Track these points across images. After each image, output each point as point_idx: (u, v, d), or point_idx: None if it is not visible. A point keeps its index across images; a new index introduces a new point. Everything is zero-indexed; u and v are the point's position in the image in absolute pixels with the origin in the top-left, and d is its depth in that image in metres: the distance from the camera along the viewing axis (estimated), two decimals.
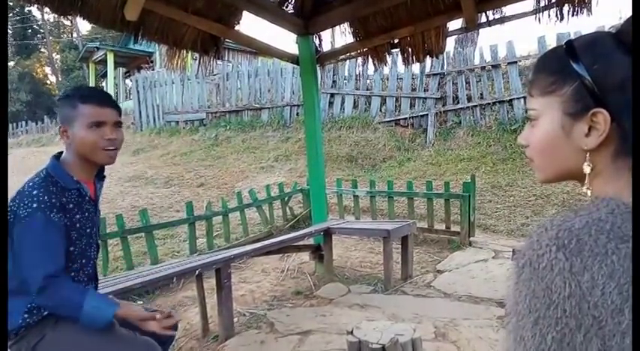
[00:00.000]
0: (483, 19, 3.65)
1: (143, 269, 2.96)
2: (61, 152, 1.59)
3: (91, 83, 17.46)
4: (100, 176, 1.69)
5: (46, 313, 1.48)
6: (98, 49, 17.23)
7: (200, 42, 3.64)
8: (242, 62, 11.33)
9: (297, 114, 10.02)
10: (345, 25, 4.00)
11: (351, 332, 2.07)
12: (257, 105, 10.64)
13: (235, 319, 3.05)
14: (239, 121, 10.80)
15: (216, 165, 8.94)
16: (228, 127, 10.74)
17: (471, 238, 4.62)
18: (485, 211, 5.40)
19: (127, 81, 18.68)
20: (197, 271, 2.71)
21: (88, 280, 1.63)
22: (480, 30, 4.41)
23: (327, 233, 3.90)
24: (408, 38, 3.89)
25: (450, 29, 3.87)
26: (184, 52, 3.71)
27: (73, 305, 1.42)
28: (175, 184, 7.99)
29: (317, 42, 4.19)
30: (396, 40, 3.97)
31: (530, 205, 5.41)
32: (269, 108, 10.46)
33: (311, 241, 4.11)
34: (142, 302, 3.53)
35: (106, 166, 1.66)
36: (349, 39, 4.08)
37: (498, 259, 4.12)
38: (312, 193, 4.31)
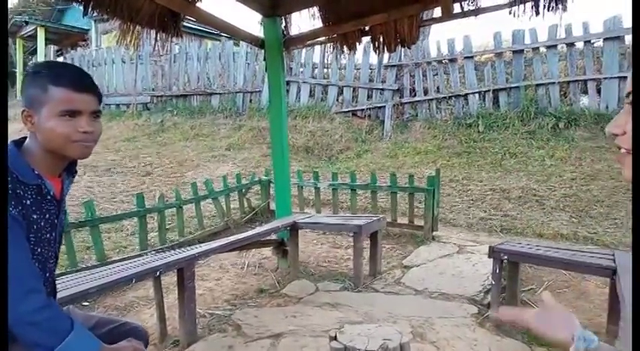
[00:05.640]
0: (457, 9, 3.57)
1: (96, 270, 2.61)
2: (24, 138, 1.27)
3: (18, 61, 15.93)
4: (70, 170, 1.39)
5: None
6: (27, 23, 15.70)
7: (157, 18, 3.29)
8: (190, 44, 10.71)
9: (251, 101, 9.68)
10: (315, 9, 3.79)
11: (335, 337, 1.90)
12: (207, 90, 10.15)
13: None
14: (187, 106, 10.26)
15: (162, 152, 8.42)
16: (175, 112, 10.17)
17: (434, 233, 4.59)
18: (444, 204, 5.42)
19: (60, 59, 17.25)
20: (158, 272, 2.43)
21: None
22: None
23: (294, 228, 3.70)
24: (380, 26, 3.75)
25: (423, 19, 3.77)
26: (139, 28, 3.35)
27: (60, 330, 1.15)
28: (118, 172, 7.43)
29: (283, 25, 3.95)
30: (367, 28, 3.82)
31: (487, 199, 5.49)
32: (220, 94, 10.01)
33: (274, 235, 3.89)
34: (87, 304, 3.20)
35: None
36: (318, 23, 3.88)
37: (463, 254, 4.11)
38: (277, 186, 4.08)
